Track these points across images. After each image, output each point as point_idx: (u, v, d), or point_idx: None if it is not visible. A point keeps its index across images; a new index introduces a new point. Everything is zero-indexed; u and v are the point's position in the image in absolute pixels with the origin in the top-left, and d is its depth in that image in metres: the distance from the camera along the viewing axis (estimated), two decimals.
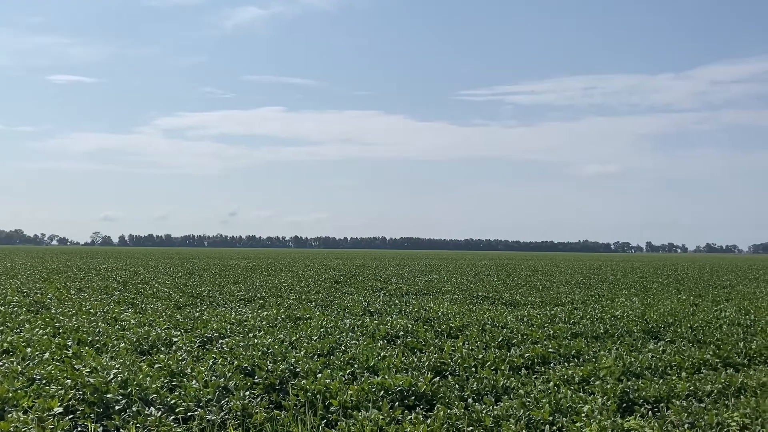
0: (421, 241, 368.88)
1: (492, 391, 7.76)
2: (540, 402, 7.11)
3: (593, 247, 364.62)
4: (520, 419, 6.61)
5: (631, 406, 7.44)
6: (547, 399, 7.18)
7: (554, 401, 7.12)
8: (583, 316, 14.50)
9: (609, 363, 9.02)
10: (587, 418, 6.58)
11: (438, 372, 8.72)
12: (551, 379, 8.33)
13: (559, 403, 7.09)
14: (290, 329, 11.68)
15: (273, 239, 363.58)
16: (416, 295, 20.41)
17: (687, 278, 34.18)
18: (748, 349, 10.62)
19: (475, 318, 13.58)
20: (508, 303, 18.53)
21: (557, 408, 7.00)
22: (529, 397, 7.31)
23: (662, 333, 12.58)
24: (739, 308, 16.98)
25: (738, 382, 8.34)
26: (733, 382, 8.31)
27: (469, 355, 9.47)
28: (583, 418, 6.58)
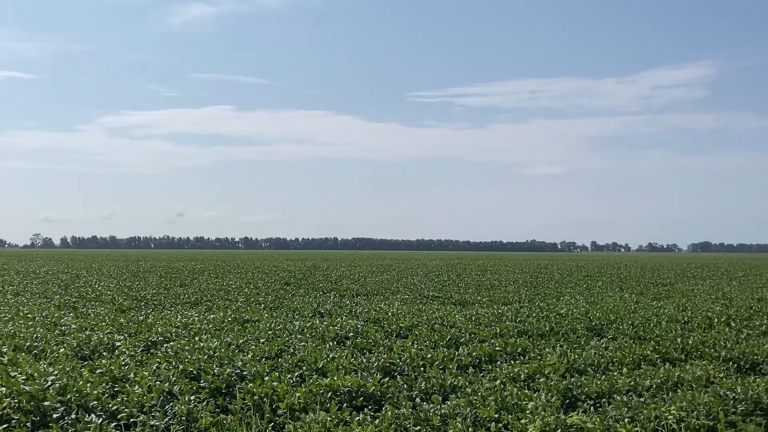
0: (373, 242, 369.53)
1: (440, 390, 7.83)
2: (486, 400, 7.21)
3: (541, 246, 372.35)
4: (467, 417, 6.69)
5: (575, 402, 7.62)
6: (493, 397, 7.28)
7: (500, 399, 7.24)
8: (529, 314, 14.79)
9: (553, 360, 9.23)
10: (532, 415, 6.71)
11: (387, 372, 8.74)
12: (498, 377, 8.46)
13: (505, 401, 7.22)
14: (238, 332, 11.52)
15: (222, 241, 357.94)
16: (367, 296, 20.43)
17: (629, 277, 35.25)
18: (685, 344, 11.02)
19: (424, 318, 13.68)
20: (457, 302, 18.74)
21: (503, 405, 7.12)
22: (476, 396, 7.40)
23: (605, 330, 12.94)
24: (677, 305, 17.61)
25: (675, 376, 8.65)
26: (671, 377, 8.61)
27: (418, 354, 9.54)
28: (528, 415, 6.71)
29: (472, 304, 18.07)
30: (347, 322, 12.55)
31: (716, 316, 14.89)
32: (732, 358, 10.09)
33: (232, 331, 11.62)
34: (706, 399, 7.40)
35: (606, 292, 22.78)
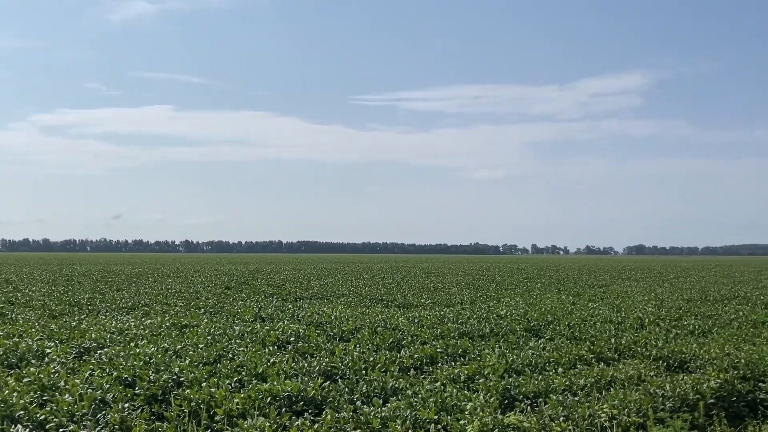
0: (319, 245, 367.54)
1: (381, 393, 7.84)
2: (427, 401, 7.27)
3: (483, 249, 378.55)
4: (407, 419, 6.73)
5: (512, 402, 7.77)
6: (433, 398, 7.35)
7: (440, 400, 7.31)
8: (470, 316, 15.00)
9: (493, 361, 9.39)
10: (470, 415, 6.80)
11: (328, 376, 8.70)
12: (438, 379, 8.55)
13: (445, 402, 7.29)
14: (175, 337, 11.25)
15: (162, 244, 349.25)
16: (310, 300, 20.30)
17: (567, 279, 36.21)
18: (619, 344, 11.39)
19: (367, 321, 13.69)
20: (401, 305, 18.84)
21: (443, 407, 7.19)
22: (417, 397, 7.45)
23: (542, 331, 13.25)
24: (612, 306, 18.19)
25: (609, 375, 8.93)
26: (605, 376, 8.88)
27: (360, 357, 9.53)
28: (467, 416, 6.80)
29: (415, 307, 18.20)
30: (289, 326, 12.43)
31: (648, 317, 15.46)
32: (662, 357, 10.49)
33: (170, 337, 11.34)
34: (637, 397, 7.67)
35: (544, 294, 23.33)
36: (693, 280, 36.26)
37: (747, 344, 11.56)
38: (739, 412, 8.43)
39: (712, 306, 19.07)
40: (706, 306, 19.07)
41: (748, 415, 8.39)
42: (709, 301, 21.24)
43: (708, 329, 13.83)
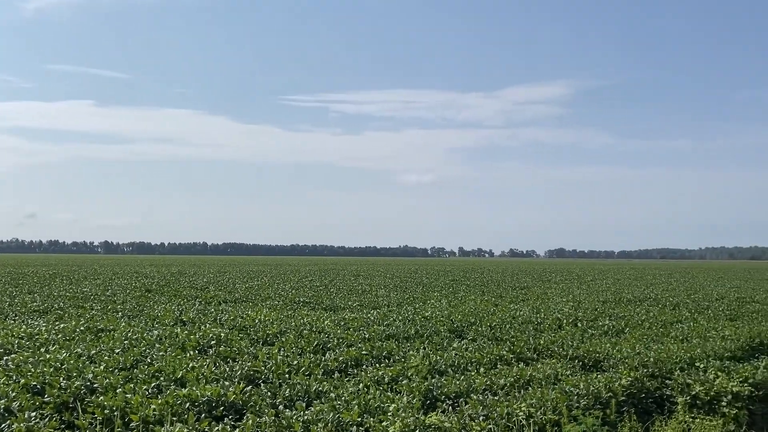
0: (245, 247, 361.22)
1: (304, 397, 7.78)
2: (350, 404, 7.27)
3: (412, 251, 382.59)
4: (330, 422, 6.70)
5: (435, 402, 7.88)
6: (357, 401, 7.35)
7: (364, 402, 7.32)
8: (396, 318, 15.11)
9: (416, 362, 9.49)
10: (393, 417, 6.85)
11: (251, 380, 8.56)
12: (362, 381, 8.56)
13: (368, 404, 7.31)
14: (90, 342, 10.77)
15: (80, 244, 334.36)
16: (234, 303, 19.91)
17: (491, 281, 37.09)
18: (537, 344, 11.76)
19: (293, 324, 13.56)
20: (328, 308, 18.75)
21: (366, 409, 7.20)
22: (340, 400, 7.43)
23: (465, 332, 13.51)
24: (532, 308, 18.75)
25: (527, 375, 9.20)
26: (523, 375, 9.14)
27: (284, 361, 9.42)
28: (389, 417, 6.85)
29: (342, 309, 18.16)
30: (211, 330, 12.15)
31: (566, 318, 16.04)
32: (578, 357, 10.90)
33: (84, 342, 10.86)
34: (553, 395, 7.94)
35: (469, 296, 23.80)
36: (609, 282, 37.88)
37: (656, 344, 12.18)
38: (648, 408, 8.87)
39: (626, 307, 19.99)
40: (620, 307, 19.97)
41: (656, 411, 8.85)
42: (622, 302, 22.24)
43: (621, 329, 14.49)
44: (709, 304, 21.60)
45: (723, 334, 13.42)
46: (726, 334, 13.40)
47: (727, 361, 10.75)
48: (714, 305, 21.00)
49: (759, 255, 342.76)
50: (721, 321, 16.49)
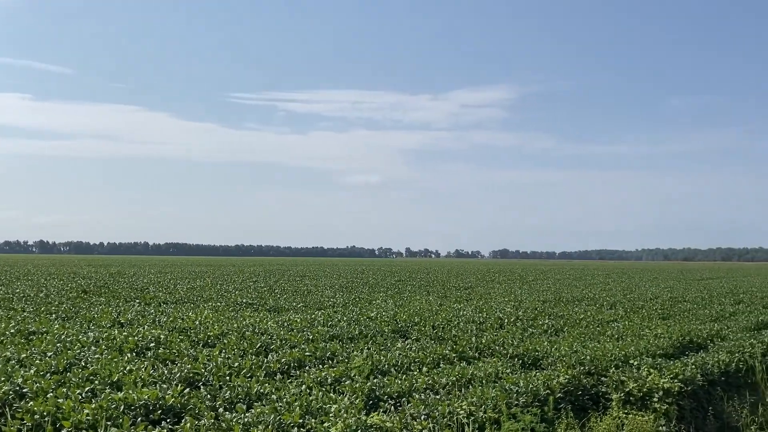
0: (188, 247, 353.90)
1: (245, 399, 7.67)
2: (292, 405, 7.21)
3: (360, 252, 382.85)
4: (270, 424, 6.63)
5: (377, 403, 7.90)
6: (299, 402, 7.31)
7: (306, 404, 7.28)
8: (341, 318, 15.08)
9: (359, 363, 9.49)
10: (335, 417, 6.83)
11: (190, 383, 8.39)
12: (305, 382, 8.51)
13: (310, 405, 7.27)
14: (20, 345, 10.34)
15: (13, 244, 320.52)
16: (175, 304, 19.46)
17: (436, 281, 37.45)
18: (479, 343, 11.94)
19: (235, 325, 13.35)
20: (271, 309, 18.54)
21: (308, 410, 7.16)
22: (282, 402, 7.37)
23: (409, 332, 13.60)
24: (475, 307, 19.04)
25: (469, 373, 9.33)
26: (465, 374, 9.27)
27: (225, 363, 9.27)
28: (331, 418, 6.83)
29: (286, 310, 18.00)
30: (150, 331, 11.85)
31: (507, 317, 16.35)
32: (518, 355, 11.12)
33: (14, 345, 10.41)
34: (494, 393, 8.08)
35: (414, 296, 23.97)
36: (549, 282, 38.81)
37: (593, 342, 12.55)
38: (584, 405, 9.13)
39: (565, 307, 20.52)
40: (559, 306, 20.49)
41: (592, 408, 9.11)
42: (562, 302, 22.82)
43: (560, 328, 14.87)
44: (644, 303, 22.41)
45: (656, 333, 13.94)
46: (659, 333, 13.93)
47: (659, 358, 11.18)
48: (648, 305, 21.79)
49: (691, 256, 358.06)
50: (654, 320, 17.13)
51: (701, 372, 10.54)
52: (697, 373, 10.37)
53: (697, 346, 13.29)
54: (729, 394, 10.77)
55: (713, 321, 17.54)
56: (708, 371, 10.79)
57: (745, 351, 12.64)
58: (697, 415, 9.83)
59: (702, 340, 13.72)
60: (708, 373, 10.75)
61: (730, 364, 11.63)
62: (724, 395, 10.57)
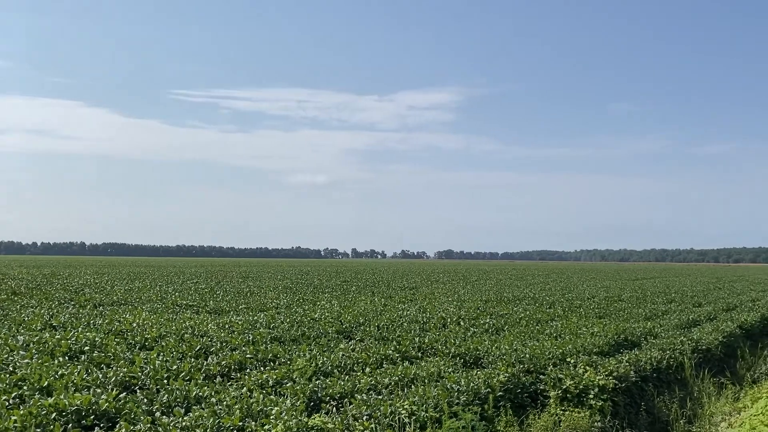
0: (128, 247, 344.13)
1: (183, 402, 7.50)
2: (232, 408, 7.10)
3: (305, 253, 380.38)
4: (210, 428, 6.50)
5: (319, 404, 7.86)
6: (239, 405, 7.19)
7: (246, 406, 7.18)
8: (284, 320, 14.93)
9: (302, 364, 9.42)
10: (275, 420, 6.76)
11: (126, 387, 8.15)
12: (245, 385, 8.38)
13: (251, 408, 7.17)
14: None
15: None
16: (112, 306, 18.86)
17: (381, 282, 37.56)
18: (422, 343, 12.03)
19: (174, 328, 13.04)
20: (212, 311, 18.21)
21: (248, 413, 7.06)
22: (221, 405, 7.24)
23: (354, 332, 13.58)
24: (419, 308, 19.19)
25: (412, 373, 9.38)
26: (408, 374, 9.32)
27: (163, 366, 9.04)
28: (272, 420, 6.75)
29: (227, 312, 17.70)
30: (84, 334, 11.44)
31: (450, 317, 16.54)
32: (460, 354, 11.26)
33: None
34: (435, 393, 8.15)
35: (359, 297, 23.97)
36: (492, 282, 39.49)
37: (532, 340, 12.83)
38: (523, 403, 9.31)
39: (506, 306, 20.91)
40: (500, 306, 20.86)
41: (531, 405, 9.30)
42: (503, 301, 23.25)
43: (500, 327, 15.14)
44: (581, 302, 23.07)
45: (592, 331, 14.36)
46: (595, 331, 14.35)
47: (595, 356, 11.52)
48: (585, 304, 22.45)
49: (627, 257, 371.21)
50: (591, 319, 17.65)
51: (634, 369, 10.92)
52: (631, 370, 10.73)
53: (631, 343, 13.76)
54: (660, 389, 11.20)
55: (646, 319, 18.21)
56: (641, 368, 11.19)
57: (676, 348, 13.17)
58: (631, 410, 10.18)
59: (636, 338, 14.21)
60: (641, 369, 11.14)
61: (662, 360, 12.09)
62: (655, 391, 10.99)
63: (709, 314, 20.36)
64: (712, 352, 14.23)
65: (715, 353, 14.30)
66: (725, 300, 26.79)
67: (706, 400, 11.50)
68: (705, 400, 11.47)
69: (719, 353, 14.54)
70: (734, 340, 16.04)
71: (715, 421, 10.51)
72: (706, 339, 14.62)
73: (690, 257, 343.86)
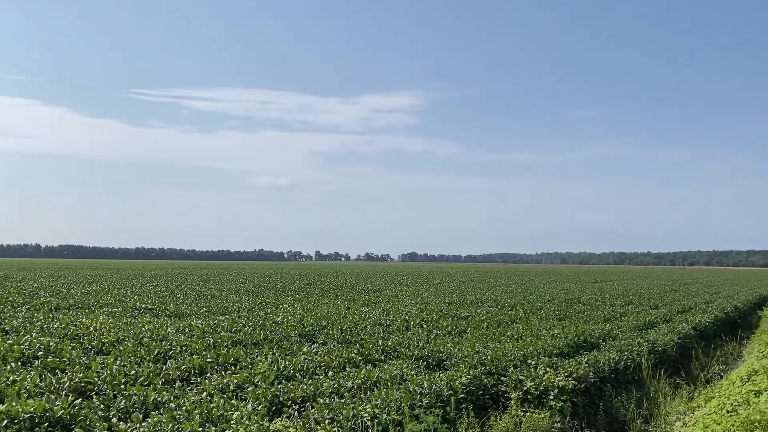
0: (85, 250, 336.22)
1: (141, 408, 7.35)
2: (191, 414, 6.98)
3: (268, 255, 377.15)
4: None
5: (281, 408, 7.79)
6: (199, 410, 7.08)
7: (206, 411, 7.07)
8: (246, 323, 14.76)
9: (264, 368, 9.32)
10: (236, 424, 6.67)
11: (82, 393, 7.95)
12: (206, 390, 8.26)
13: (211, 413, 7.07)
14: None
15: None
16: (68, 310, 18.38)
17: (345, 284, 37.47)
18: (386, 346, 12.03)
19: (132, 332, 12.78)
20: (172, 314, 17.89)
21: (208, 418, 6.96)
22: (181, 410, 7.12)
23: (316, 336, 13.51)
24: (383, 310, 19.20)
25: (375, 376, 9.37)
26: (371, 377, 9.31)
27: (120, 371, 8.84)
28: (232, 425, 6.66)
29: (188, 316, 17.42)
30: (38, 339, 11.12)
31: (413, 319, 16.59)
32: (422, 357, 11.30)
33: None
34: (398, 395, 8.15)
35: (322, 300, 23.86)
36: (455, 285, 39.76)
37: (494, 342, 12.95)
38: (485, 404, 9.38)
39: (468, 308, 21.08)
40: (463, 308, 21.02)
41: (492, 407, 9.38)
42: (466, 303, 23.43)
43: (463, 329, 15.25)
44: (542, 305, 23.39)
45: (553, 333, 14.58)
46: (555, 333, 14.57)
47: (555, 357, 11.68)
48: (546, 306, 22.77)
49: (587, 260, 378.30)
50: (551, 320, 17.91)
51: (593, 370, 11.12)
52: (590, 371, 10.92)
53: (591, 345, 14.00)
54: (618, 390, 11.43)
55: (605, 321, 18.56)
56: (600, 369, 11.39)
57: (633, 349, 13.45)
58: (589, 411, 10.35)
59: (595, 340, 14.47)
60: (600, 370, 11.35)
61: (620, 361, 12.33)
62: (613, 391, 11.20)
63: (665, 316, 20.87)
64: (668, 353, 14.58)
65: (670, 354, 14.66)
66: (680, 302, 27.51)
67: (662, 399, 11.77)
68: (661, 400, 11.74)
69: (675, 354, 14.91)
70: (689, 341, 16.47)
71: (671, 421, 10.76)
72: (662, 340, 14.97)
73: (647, 260, 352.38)
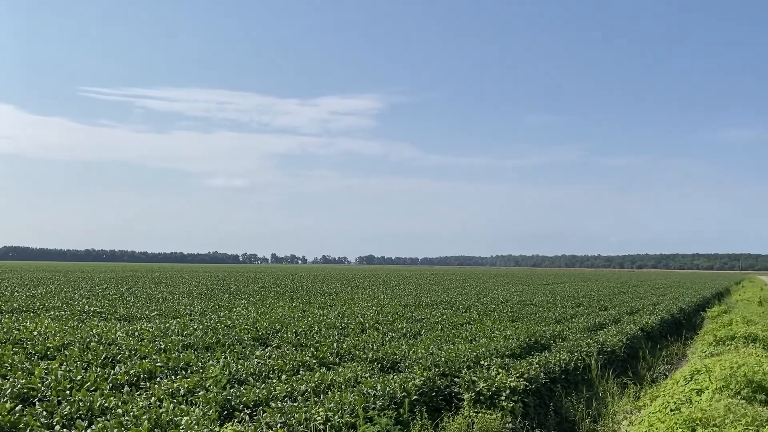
0: (31, 251, 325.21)
1: (87, 414, 7.14)
2: (140, 419, 6.82)
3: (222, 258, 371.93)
4: None
5: (232, 413, 7.68)
6: (147, 415, 6.92)
7: (155, 416, 6.91)
8: (198, 327, 14.51)
9: (215, 372, 9.18)
10: (186, 430, 6.55)
11: (24, 399, 7.67)
12: (155, 394, 8.08)
13: (160, 418, 6.91)
14: None
15: None
16: (11, 313, 17.74)
17: (301, 287, 37.22)
18: (341, 348, 11.99)
19: (79, 336, 12.41)
20: (122, 318, 17.45)
21: (157, 423, 6.81)
22: (129, 416, 6.94)
23: (270, 339, 13.37)
24: (338, 313, 19.13)
25: (329, 379, 9.33)
26: (325, 380, 9.26)
27: (66, 376, 8.58)
28: (182, 430, 6.53)
29: (138, 319, 17.02)
30: None
31: (369, 322, 16.59)
32: (377, 359, 11.30)
33: None
34: (351, 398, 8.14)
35: (277, 303, 23.64)
36: (411, 287, 39.95)
37: (448, 344, 13.04)
38: (438, 406, 9.45)
39: (424, 310, 21.20)
40: (419, 310, 21.13)
41: (445, 408, 9.45)
42: (421, 306, 23.57)
43: (418, 332, 15.32)
44: (496, 306, 23.71)
45: (505, 334, 14.78)
46: (507, 334, 14.77)
47: (507, 358, 11.85)
48: (499, 308, 23.09)
49: (539, 262, 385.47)
50: (504, 322, 18.16)
51: (544, 371, 11.31)
52: (541, 372, 11.11)
53: (542, 346, 14.25)
54: (568, 390, 11.66)
55: (556, 323, 18.92)
56: (550, 370, 11.60)
57: (583, 350, 13.75)
58: (540, 411, 10.52)
59: (546, 341, 14.73)
60: (550, 371, 11.55)
61: (570, 362, 12.59)
62: (563, 392, 11.42)
63: (614, 317, 21.40)
64: (617, 353, 14.96)
65: (619, 354, 15.04)
66: (629, 304, 28.26)
67: (610, 399, 12.06)
68: (609, 400, 12.02)
69: (623, 354, 15.30)
70: (636, 342, 16.93)
71: (618, 420, 11.03)
72: (611, 341, 15.34)
73: (597, 263, 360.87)
